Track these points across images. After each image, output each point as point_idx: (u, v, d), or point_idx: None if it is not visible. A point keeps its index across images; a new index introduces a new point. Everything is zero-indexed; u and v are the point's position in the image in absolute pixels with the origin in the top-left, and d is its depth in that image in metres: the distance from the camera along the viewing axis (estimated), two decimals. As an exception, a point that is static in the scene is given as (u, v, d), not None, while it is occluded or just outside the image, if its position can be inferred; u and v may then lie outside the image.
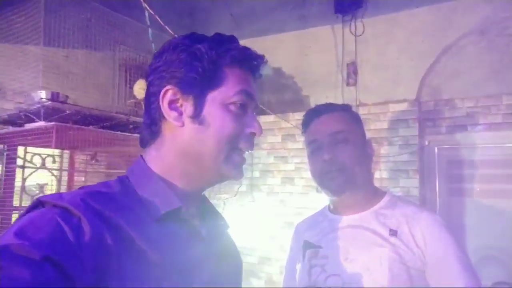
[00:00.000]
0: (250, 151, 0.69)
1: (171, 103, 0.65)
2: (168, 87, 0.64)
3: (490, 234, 2.59)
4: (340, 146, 1.07)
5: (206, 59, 0.64)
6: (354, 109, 1.24)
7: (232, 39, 0.69)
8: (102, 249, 0.51)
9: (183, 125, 0.64)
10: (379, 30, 3.05)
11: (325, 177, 1.08)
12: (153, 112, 0.66)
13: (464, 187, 2.78)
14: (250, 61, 0.69)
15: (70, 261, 0.47)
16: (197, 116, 0.64)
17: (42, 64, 1.95)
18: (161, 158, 0.66)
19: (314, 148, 1.11)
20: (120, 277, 0.52)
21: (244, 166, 0.69)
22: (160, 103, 0.64)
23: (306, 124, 1.17)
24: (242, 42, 0.72)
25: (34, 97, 1.93)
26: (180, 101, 0.65)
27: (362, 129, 1.16)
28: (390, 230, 1.03)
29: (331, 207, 1.18)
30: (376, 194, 1.14)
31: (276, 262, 3.34)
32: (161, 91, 0.64)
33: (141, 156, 0.70)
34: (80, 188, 0.61)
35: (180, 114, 0.65)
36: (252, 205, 3.50)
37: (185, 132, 0.64)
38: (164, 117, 0.65)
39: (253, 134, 0.68)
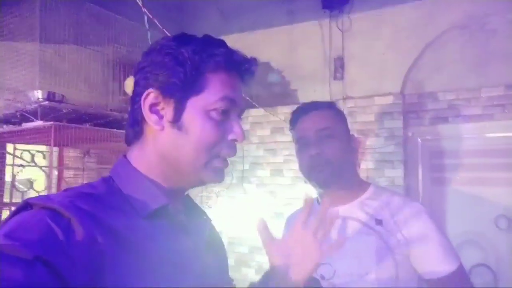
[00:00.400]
0: (231, 156, 0.68)
1: (152, 106, 0.64)
2: (150, 89, 0.63)
3: (470, 220, 2.73)
4: (326, 141, 1.13)
5: (189, 65, 0.63)
6: (341, 102, 1.30)
7: (220, 43, 0.67)
8: (94, 249, 0.51)
9: (162, 129, 0.64)
10: (366, 26, 3.13)
11: (313, 170, 1.14)
12: (135, 113, 0.66)
13: (446, 176, 2.91)
14: (237, 66, 0.67)
15: (62, 261, 0.47)
16: (176, 121, 0.63)
17: (37, 63, 1.96)
18: (143, 158, 0.66)
19: (302, 144, 1.17)
20: (114, 276, 0.52)
21: (234, 159, 0.72)
22: (142, 105, 0.64)
23: (293, 121, 1.22)
24: (231, 37, 0.73)
25: (30, 96, 1.94)
26: (161, 105, 0.64)
27: (346, 125, 1.22)
28: (376, 219, 1.11)
29: (319, 200, 1.25)
30: (361, 185, 1.21)
31: (267, 251, 3.43)
32: (142, 92, 0.64)
33: (124, 156, 0.69)
34: (65, 190, 0.61)
35: (161, 117, 0.64)
36: (243, 196, 3.58)
37: (164, 136, 0.64)
38: (145, 118, 0.65)
39: (235, 140, 0.67)
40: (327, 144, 1.13)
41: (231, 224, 3.58)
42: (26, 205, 0.54)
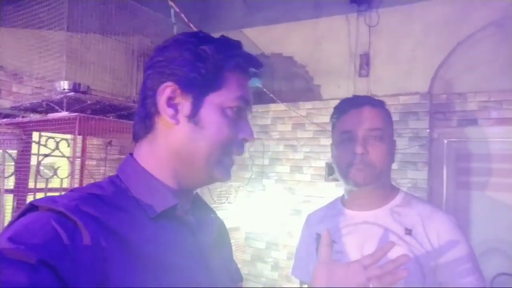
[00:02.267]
0: (240, 155, 0.69)
1: (169, 100, 0.63)
2: (168, 83, 0.63)
3: (496, 227, 2.64)
4: (374, 143, 1.07)
5: (210, 61, 0.64)
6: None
7: (238, 44, 0.68)
8: (99, 253, 0.51)
9: (178, 123, 0.63)
10: (394, 22, 3.04)
11: (353, 168, 1.08)
12: (148, 106, 0.65)
13: (472, 181, 2.82)
14: (251, 67, 0.69)
15: (66, 265, 0.47)
16: (193, 116, 0.63)
17: (64, 52, 1.98)
18: (152, 154, 0.65)
19: (346, 139, 1.10)
20: (119, 281, 0.52)
21: (254, 154, 0.72)
22: (158, 98, 0.63)
23: (341, 112, 1.14)
24: (255, 29, 0.73)
25: (57, 87, 1.96)
26: (178, 99, 0.64)
27: (392, 128, 1.16)
28: (406, 229, 1.05)
29: (344, 201, 1.19)
30: (392, 191, 1.15)
31: (284, 248, 3.42)
32: (159, 86, 0.63)
33: (131, 154, 0.68)
34: (71, 191, 0.60)
35: (177, 112, 0.63)
36: (262, 192, 3.57)
37: (179, 131, 0.63)
38: (159, 112, 0.64)
39: (245, 139, 0.68)
40: (375, 146, 1.07)
41: (249, 219, 3.58)
42: (32, 207, 0.54)
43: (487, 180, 2.77)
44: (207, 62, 0.63)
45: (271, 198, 3.52)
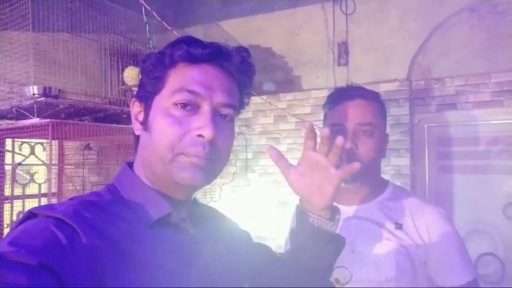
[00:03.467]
0: (207, 155, 0.61)
1: (135, 114, 0.67)
2: (134, 99, 0.67)
3: (477, 209, 2.69)
4: (363, 138, 1.04)
5: (156, 65, 0.64)
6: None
7: (183, 38, 0.65)
8: (97, 259, 0.52)
9: (140, 133, 0.67)
10: (371, 9, 3.03)
11: (339, 163, 1.07)
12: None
13: (453, 164, 2.86)
14: (203, 56, 0.63)
15: (66, 268, 0.48)
16: (144, 123, 0.65)
17: (31, 52, 1.89)
18: (142, 165, 0.67)
19: (335, 131, 1.05)
20: (118, 286, 0.52)
21: (237, 149, 0.71)
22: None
23: (333, 103, 1.11)
24: (231, 22, 0.71)
25: (26, 92, 1.87)
26: (139, 111, 0.67)
27: (385, 122, 1.13)
28: (396, 223, 1.05)
29: None
30: (381, 185, 1.14)
31: (272, 241, 3.41)
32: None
33: (126, 163, 0.70)
34: (71, 199, 0.62)
35: (140, 123, 0.67)
36: (247, 187, 3.54)
37: (141, 141, 0.67)
38: None
39: (201, 136, 0.61)
40: (364, 142, 1.04)
41: (235, 215, 3.56)
42: (30, 215, 0.55)
43: (467, 163, 2.81)
44: (154, 66, 0.64)
45: (256, 192, 3.50)
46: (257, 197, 3.50)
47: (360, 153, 1.03)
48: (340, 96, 1.10)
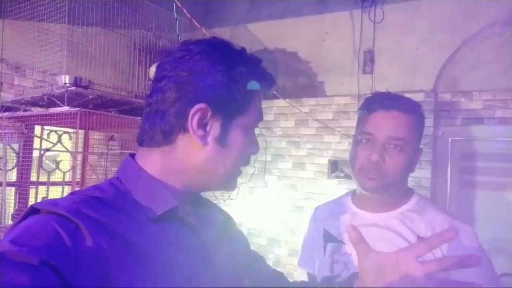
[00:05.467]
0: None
1: (200, 120, 0.62)
2: (202, 105, 0.61)
3: (499, 227, 2.61)
4: (392, 152, 0.99)
5: (243, 85, 0.64)
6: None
7: (261, 64, 0.69)
8: (101, 255, 0.51)
9: (206, 144, 0.63)
10: (399, 18, 3.00)
11: (364, 174, 1.02)
12: (171, 121, 0.63)
13: (476, 180, 2.79)
14: (267, 87, 0.70)
15: (69, 266, 0.47)
16: (222, 138, 0.64)
17: (65, 44, 1.96)
18: (166, 166, 0.65)
19: (365, 140, 1.03)
20: (123, 282, 0.52)
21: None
22: (189, 118, 0.61)
23: (368, 108, 1.06)
24: (259, 24, 0.72)
25: (58, 81, 1.95)
26: (208, 120, 0.63)
27: (421, 136, 1.06)
28: (418, 237, 1.00)
29: (355, 198, 1.13)
30: (406, 194, 1.09)
31: (285, 244, 3.41)
32: (190, 105, 0.61)
33: (131, 155, 0.68)
34: (72, 194, 0.61)
35: (206, 133, 0.63)
36: (264, 188, 3.56)
37: (206, 151, 0.64)
38: (186, 130, 0.62)
39: (253, 153, 0.72)
40: (393, 157, 0.99)
41: (251, 216, 3.57)
42: (33, 210, 0.54)
43: (491, 179, 2.74)
44: (240, 85, 0.64)
45: (273, 195, 3.51)
46: (273, 199, 3.50)
47: (386, 167, 0.99)
48: (376, 103, 1.04)
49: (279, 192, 3.48)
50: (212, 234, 0.70)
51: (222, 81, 0.62)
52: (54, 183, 2.84)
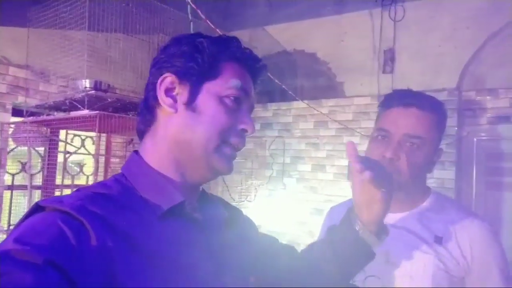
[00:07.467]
0: (240, 147, 0.69)
1: (168, 90, 0.66)
2: (166, 74, 0.65)
3: (528, 231, 2.51)
4: (409, 151, 0.96)
5: (207, 53, 0.66)
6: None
7: (234, 38, 0.71)
8: (106, 253, 0.51)
9: (176, 111, 0.65)
10: (421, 15, 2.93)
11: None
12: (149, 100, 0.67)
13: (503, 181, 2.69)
14: (248, 60, 0.70)
15: (73, 265, 0.47)
16: (191, 103, 0.65)
17: (85, 50, 2.02)
18: (155, 147, 0.66)
19: (381, 136, 1.01)
20: (128, 280, 0.51)
21: (275, 152, 0.72)
22: (157, 89, 0.65)
23: (387, 104, 1.04)
24: (278, 26, 0.72)
25: (79, 85, 2.00)
26: (177, 89, 0.66)
27: (441, 134, 1.03)
28: (435, 236, 0.98)
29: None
30: (423, 193, 1.06)
31: (304, 247, 3.38)
32: (157, 76, 0.66)
33: (135, 151, 0.70)
34: (77, 191, 0.60)
35: (175, 101, 0.65)
36: (282, 191, 3.53)
37: (178, 119, 0.65)
38: (159, 104, 0.66)
39: (245, 130, 0.68)
40: (409, 155, 0.96)
41: (269, 218, 3.56)
42: (38, 207, 0.54)
43: (519, 180, 2.63)
44: (203, 52, 0.66)
45: (292, 197, 3.48)
46: (292, 201, 3.48)
47: (401, 166, 0.96)
48: (394, 100, 1.02)
49: (298, 194, 3.45)
50: (218, 230, 0.69)
51: (185, 50, 0.66)
52: (78, 186, 2.91)
